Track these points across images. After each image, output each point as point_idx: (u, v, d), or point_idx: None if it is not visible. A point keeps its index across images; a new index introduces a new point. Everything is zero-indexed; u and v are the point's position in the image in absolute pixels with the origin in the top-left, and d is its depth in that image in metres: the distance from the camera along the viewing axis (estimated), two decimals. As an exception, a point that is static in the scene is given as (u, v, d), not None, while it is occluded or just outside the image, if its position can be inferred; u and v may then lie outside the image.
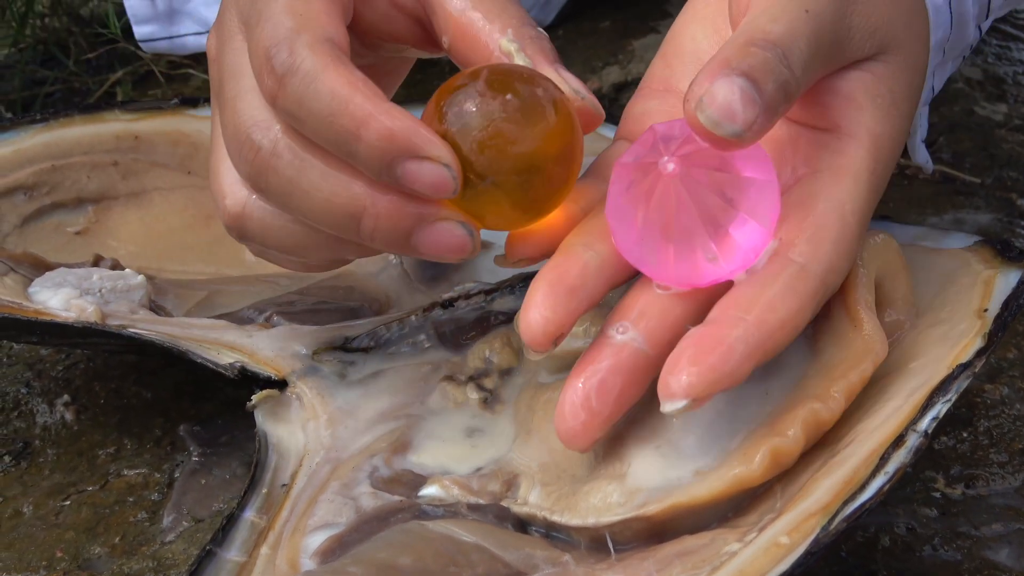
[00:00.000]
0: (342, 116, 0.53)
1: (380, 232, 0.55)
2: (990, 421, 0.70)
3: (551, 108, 0.55)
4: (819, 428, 0.56)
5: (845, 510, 0.51)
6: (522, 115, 0.54)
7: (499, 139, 0.54)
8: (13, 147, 0.81)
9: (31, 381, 0.79)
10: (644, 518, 0.56)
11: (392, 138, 0.53)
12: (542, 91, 0.55)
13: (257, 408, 0.66)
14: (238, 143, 0.57)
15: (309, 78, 0.54)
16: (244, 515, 0.60)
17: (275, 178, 0.56)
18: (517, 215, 0.56)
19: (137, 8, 0.97)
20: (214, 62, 0.61)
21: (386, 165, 0.53)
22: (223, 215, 0.60)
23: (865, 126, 0.57)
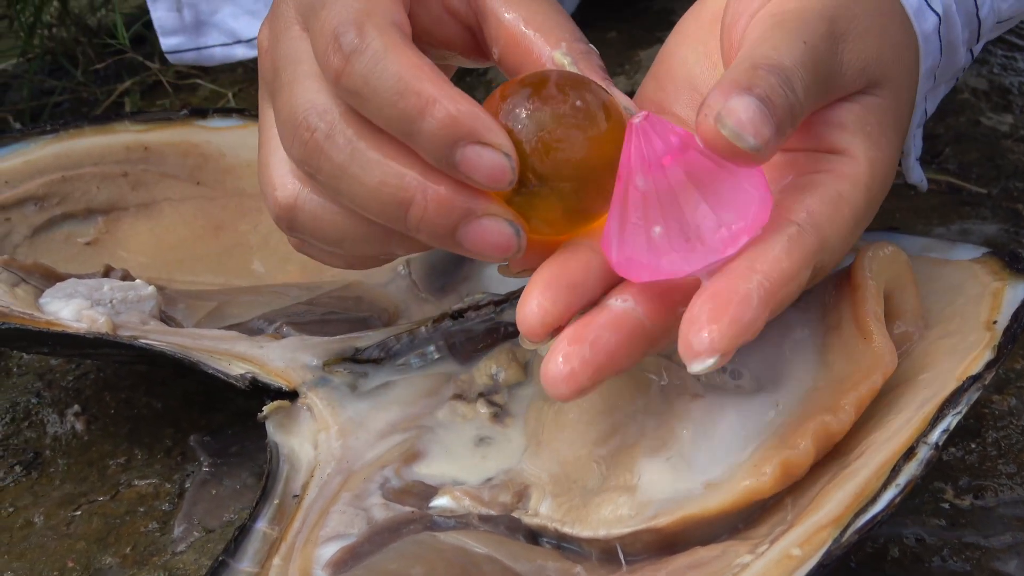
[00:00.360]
0: (407, 96, 0.53)
1: (427, 222, 0.55)
2: (998, 432, 0.71)
3: (608, 117, 0.55)
4: (829, 440, 0.56)
5: (857, 522, 0.51)
6: (583, 122, 0.54)
7: (559, 143, 0.54)
8: (23, 158, 0.81)
9: (41, 391, 0.79)
10: (655, 530, 0.56)
11: (455, 121, 0.53)
12: (601, 100, 0.55)
13: (268, 419, 0.66)
14: (293, 125, 0.57)
15: (377, 57, 0.54)
16: (256, 526, 0.61)
17: (328, 162, 0.56)
18: (565, 221, 0.56)
19: (164, 20, 0.97)
20: (267, 53, 0.61)
21: (447, 148, 0.53)
22: (273, 206, 0.60)
23: (860, 149, 0.57)
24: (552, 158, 0.54)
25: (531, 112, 0.54)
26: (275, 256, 0.83)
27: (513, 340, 0.69)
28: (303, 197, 0.59)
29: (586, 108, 0.54)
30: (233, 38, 0.97)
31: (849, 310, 0.59)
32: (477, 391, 0.67)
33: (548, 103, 0.54)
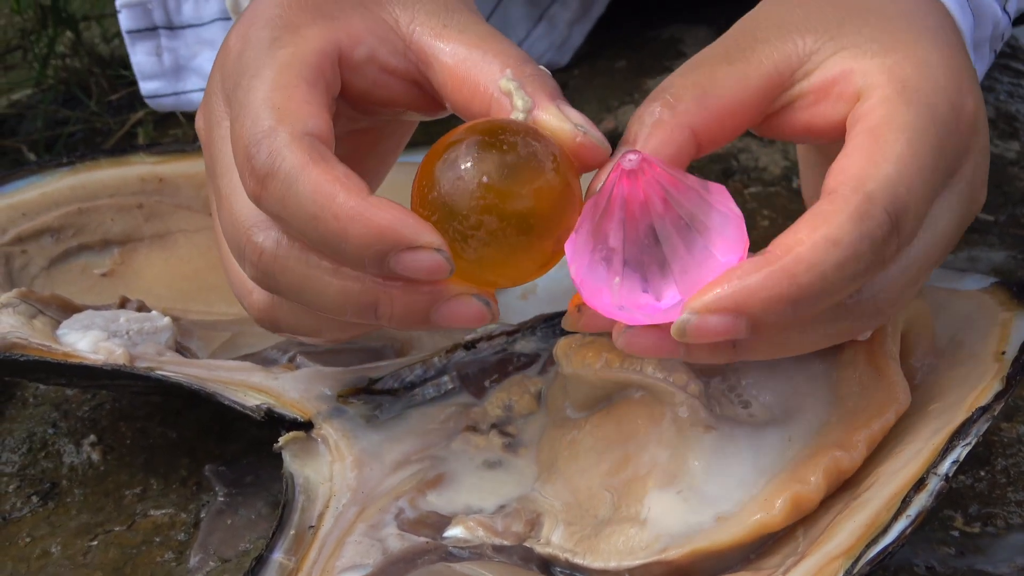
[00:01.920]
0: (326, 218, 0.52)
1: (397, 317, 0.55)
2: (1008, 460, 0.71)
3: (542, 163, 0.54)
4: (840, 476, 0.57)
5: (868, 553, 0.52)
6: (513, 175, 0.53)
7: (492, 202, 0.53)
8: (40, 190, 0.82)
9: (58, 422, 0.80)
10: (665, 563, 0.56)
11: (380, 232, 0.52)
12: (531, 146, 0.54)
13: (283, 449, 0.67)
14: (239, 245, 0.56)
15: (290, 180, 0.53)
16: (273, 556, 0.61)
17: (285, 278, 0.56)
18: (522, 272, 0.56)
19: (143, 64, 0.97)
20: (206, 147, 0.61)
21: (378, 260, 0.53)
22: (251, 311, 0.60)
23: (876, 70, 0.57)
24: (483, 219, 0.53)
25: (453, 178, 0.53)
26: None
27: (525, 371, 0.70)
28: (276, 300, 0.59)
29: (508, 161, 0.53)
30: None
31: (865, 347, 0.60)
32: (490, 422, 0.68)
33: (468, 165, 0.53)
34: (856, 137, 0.55)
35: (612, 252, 0.54)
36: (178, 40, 0.97)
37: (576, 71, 1.13)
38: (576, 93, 1.10)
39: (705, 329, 0.51)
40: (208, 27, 0.97)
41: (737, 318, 0.51)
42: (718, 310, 0.51)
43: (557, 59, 1.13)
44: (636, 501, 0.59)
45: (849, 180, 0.53)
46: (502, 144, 0.53)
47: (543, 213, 0.54)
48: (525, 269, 0.55)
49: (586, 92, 1.10)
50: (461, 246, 0.54)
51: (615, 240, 0.54)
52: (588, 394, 0.64)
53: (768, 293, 0.51)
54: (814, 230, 0.52)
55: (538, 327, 0.72)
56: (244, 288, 0.60)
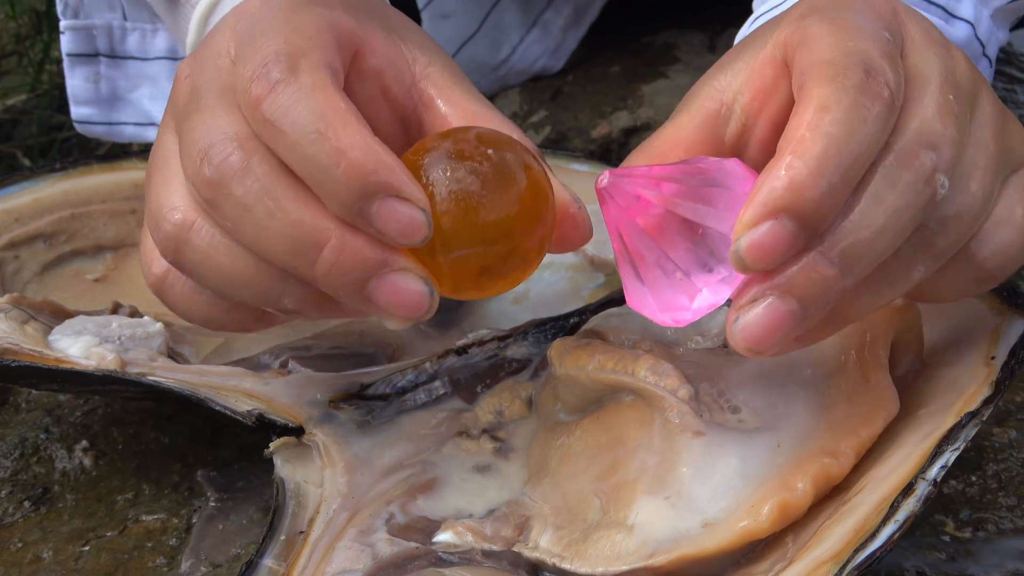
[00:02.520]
0: (325, 138, 0.51)
1: (338, 268, 0.53)
2: (999, 465, 0.71)
3: (523, 175, 0.54)
4: (828, 483, 0.57)
5: (856, 558, 0.52)
6: (495, 181, 0.53)
7: (471, 205, 0.52)
8: (33, 196, 0.82)
9: (50, 427, 0.80)
10: (652, 568, 0.57)
11: (370, 172, 0.51)
12: (515, 157, 0.54)
13: (275, 455, 0.67)
14: (204, 147, 0.54)
15: (301, 92, 0.52)
16: (263, 562, 0.61)
17: (238, 190, 0.54)
18: (482, 283, 0.55)
19: (78, 89, 0.96)
20: (186, 79, 0.59)
21: (360, 199, 0.51)
22: (160, 233, 0.57)
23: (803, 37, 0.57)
24: (460, 220, 0.52)
25: (435, 175, 0.53)
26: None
27: (517, 376, 0.70)
28: (197, 226, 0.56)
29: (492, 167, 0.53)
30: (147, 119, 0.96)
31: (854, 354, 0.60)
32: (481, 427, 0.68)
33: (452, 164, 0.53)
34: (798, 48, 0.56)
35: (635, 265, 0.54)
36: (118, 70, 0.97)
37: (570, 76, 1.13)
38: (570, 99, 1.10)
39: (757, 245, 0.51)
40: (152, 63, 0.96)
41: (780, 220, 0.51)
42: (758, 220, 0.51)
43: (551, 64, 1.13)
44: (624, 506, 0.59)
45: (808, 70, 0.54)
46: (487, 150, 0.53)
47: (517, 225, 0.53)
48: (489, 280, 0.55)
49: (579, 98, 1.10)
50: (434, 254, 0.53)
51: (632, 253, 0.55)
52: (580, 396, 0.64)
53: (792, 181, 0.51)
54: (800, 113, 0.53)
55: (530, 332, 0.72)
56: (163, 205, 0.57)
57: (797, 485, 0.56)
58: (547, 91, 1.12)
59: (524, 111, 1.10)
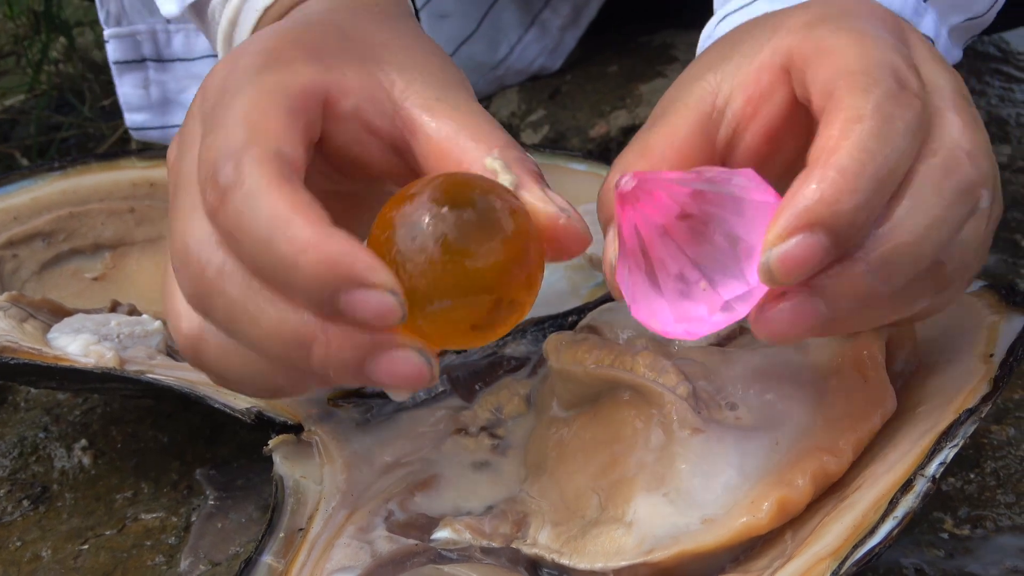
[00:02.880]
0: (280, 241, 0.49)
1: (332, 360, 0.51)
2: (997, 462, 0.71)
3: (507, 221, 0.51)
4: (827, 480, 0.57)
5: (855, 555, 0.52)
6: (474, 231, 0.51)
7: (450, 257, 0.50)
8: (31, 195, 0.82)
9: (49, 426, 0.80)
10: (651, 564, 0.57)
11: (332, 266, 0.49)
12: (497, 202, 0.52)
13: (274, 452, 0.67)
14: (184, 257, 0.53)
15: (250, 196, 0.50)
16: (262, 559, 0.61)
17: (221, 300, 0.52)
18: (473, 335, 0.53)
19: (130, 96, 0.96)
20: (171, 169, 0.58)
21: (327, 295, 0.49)
22: (177, 338, 0.57)
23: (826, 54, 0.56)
24: (439, 274, 0.50)
25: (412, 229, 0.50)
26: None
27: (515, 374, 0.70)
28: (208, 331, 0.55)
29: (471, 216, 0.51)
30: None
31: (851, 353, 0.60)
32: (480, 425, 0.68)
33: (428, 217, 0.50)
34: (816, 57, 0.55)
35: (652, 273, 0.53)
36: (167, 73, 0.97)
37: (568, 76, 1.13)
38: (568, 98, 1.10)
39: (789, 258, 0.50)
40: (198, 62, 0.97)
41: (813, 232, 0.50)
42: (790, 233, 0.50)
43: (549, 64, 1.13)
44: (623, 503, 0.59)
45: (836, 80, 0.53)
46: (464, 198, 0.51)
47: (502, 273, 0.51)
48: (479, 332, 0.53)
49: (578, 97, 1.10)
50: (415, 303, 0.51)
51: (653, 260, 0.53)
52: (576, 392, 0.64)
53: (826, 193, 0.50)
54: (832, 124, 0.52)
55: (528, 330, 0.72)
56: (175, 311, 0.56)
57: (796, 482, 0.56)
58: (545, 90, 1.12)
59: (522, 110, 1.11)
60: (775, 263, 0.50)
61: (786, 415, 0.59)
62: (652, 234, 0.53)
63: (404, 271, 0.50)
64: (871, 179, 0.50)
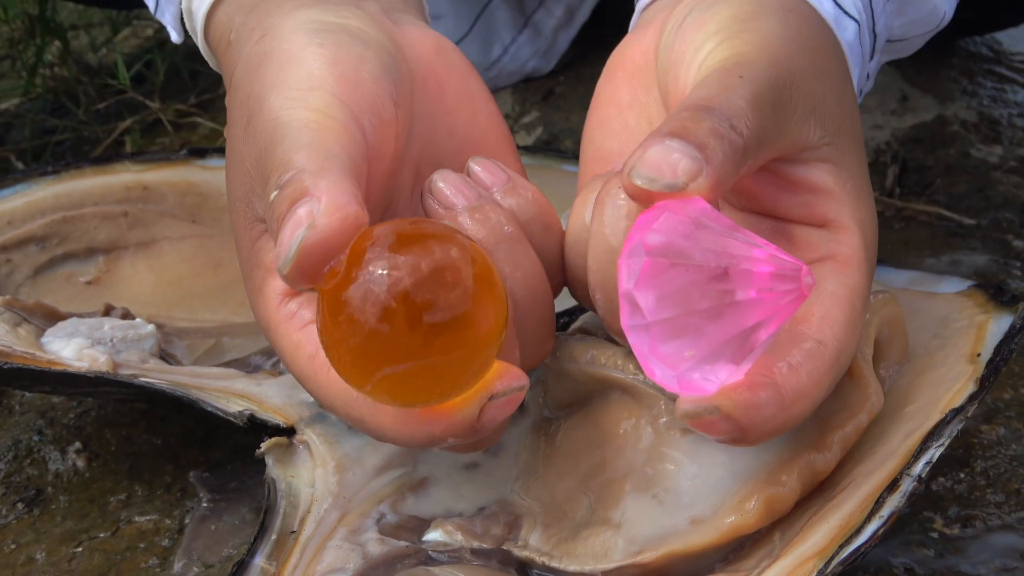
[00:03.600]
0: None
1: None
2: (987, 462, 0.71)
3: (460, 271, 0.50)
4: (814, 478, 0.57)
5: (841, 554, 0.52)
6: (427, 287, 0.49)
7: (408, 318, 0.48)
8: (25, 199, 0.83)
9: (43, 429, 0.80)
10: (640, 565, 0.57)
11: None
12: (448, 253, 0.50)
13: (266, 455, 0.67)
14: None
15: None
16: (254, 561, 0.61)
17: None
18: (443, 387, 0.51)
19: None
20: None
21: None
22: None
23: (850, 215, 0.57)
24: (415, 332, 0.49)
25: (376, 284, 0.49)
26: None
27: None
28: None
29: (427, 269, 0.49)
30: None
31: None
32: (471, 426, 0.68)
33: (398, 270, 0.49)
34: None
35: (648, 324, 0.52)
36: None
37: (561, 77, 1.14)
38: (561, 99, 1.11)
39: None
40: None
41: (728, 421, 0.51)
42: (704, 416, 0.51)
43: (542, 65, 1.13)
44: (613, 504, 0.59)
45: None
46: (419, 250, 0.49)
47: (463, 325, 0.49)
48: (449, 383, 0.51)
49: (571, 98, 1.10)
50: (374, 365, 0.49)
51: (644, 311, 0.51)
52: (569, 390, 0.64)
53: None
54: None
55: (519, 332, 0.73)
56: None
57: (784, 480, 0.56)
58: (539, 92, 1.12)
59: (516, 112, 1.11)
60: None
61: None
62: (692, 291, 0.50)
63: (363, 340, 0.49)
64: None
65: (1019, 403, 0.76)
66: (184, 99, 1.18)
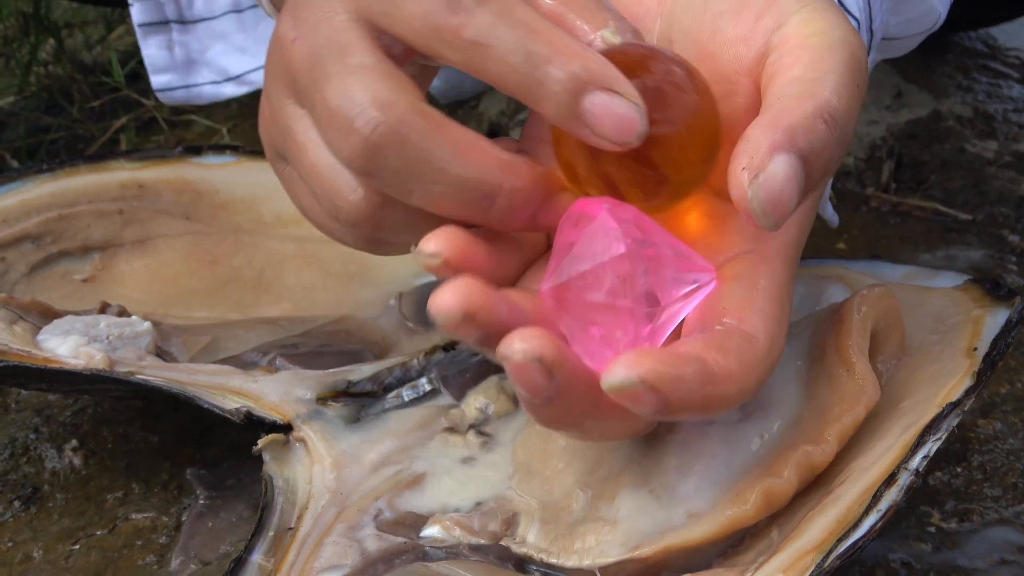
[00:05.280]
0: (536, 41, 0.51)
1: (513, 209, 0.53)
2: (984, 456, 0.71)
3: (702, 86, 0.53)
4: (812, 471, 0.57)
5: (839, 548, 0.52)
6: (691, 92, 0.52)
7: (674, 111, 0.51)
8: (20, 197, 0.82)
9: (39, 427, 0.80)
10: (638, 560, 0.57)
11: (587, 67, 0.50)
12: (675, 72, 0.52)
13: (263, 452, 0.67)
14: (349, 119, 0.52)
15: (505, 5, 0.52)
16: (252, 558, 0.61)
17: (398, 155, 0.52)
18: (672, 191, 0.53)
19: (155, 58, 0.98)
20: (295, 43, 0.56)
21: (575, 93, 0.50)
22: (348, 214, 0.56)
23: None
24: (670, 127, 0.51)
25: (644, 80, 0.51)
26: (269, 291, 0.84)
27: (502, 373, 0.70)
28: (382, 198, 0.55)
29: (688, 78, 0.52)
30: (223, 75, 0.98)
31: (834, 343, 0.60)
32: (468, 423, 0.68)
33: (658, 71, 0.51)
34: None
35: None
36: (190, 34, 0.98)
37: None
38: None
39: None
40: (219, 20, 0.98)
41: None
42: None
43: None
44: (610, 499, 0.59)
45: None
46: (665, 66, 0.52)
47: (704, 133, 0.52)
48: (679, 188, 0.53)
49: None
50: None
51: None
52: None
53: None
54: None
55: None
56: (339, 192, 0.56)
57: (782, 473, 0.56)
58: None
59: (511, 109, 1.11)
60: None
61: (770, 407, 0.59)
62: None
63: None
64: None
65: (1016, 397, 0.76)
66: (179, 97, 1.18)
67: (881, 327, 0.62)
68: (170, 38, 0.98)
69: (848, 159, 1.02)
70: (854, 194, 0.99)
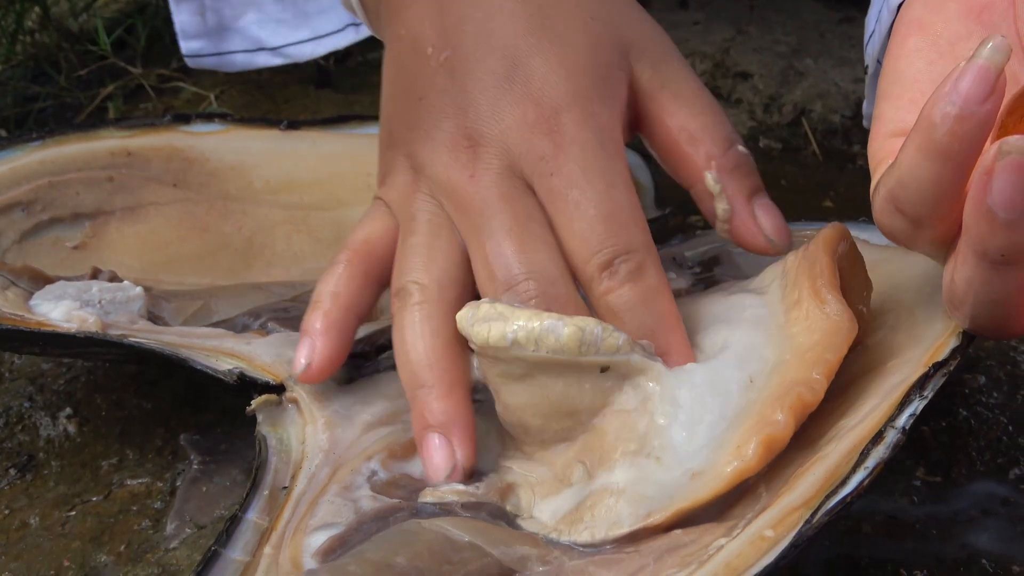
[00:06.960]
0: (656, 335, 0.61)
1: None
2: (968, 410, 0.72)
3: None
4: (805, 410, 0.57)
5: (827, 504, 0.53)
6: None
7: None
8: (9, 165, 0.82)
9: (34, 395, 0.80)
10: (652, 527, 0.57)
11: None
12: None
13: (256, 412, 0.68)
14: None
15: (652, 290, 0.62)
16: (247, 516, 0.62)
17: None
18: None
19: (186, 24, 0.97)
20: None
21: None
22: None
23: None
24: None
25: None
26: (259, 257, 0.84)
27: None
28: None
29: None
30: (256, 45, 0.97)
31: (807, 285, 0.61)
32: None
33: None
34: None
35: None
36: (222, 1, 0.98)
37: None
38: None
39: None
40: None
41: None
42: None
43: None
44: (609, 470, 0.60)
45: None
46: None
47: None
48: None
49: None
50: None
51: None
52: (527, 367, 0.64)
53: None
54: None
55: (506, 291, 0.73)
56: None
57: (776, 417, 0.57)
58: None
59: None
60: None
61: (753, 352, 0.60)
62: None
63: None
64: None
65: (1000, 352, 0.76)
66: (166, 64, 1.17)
67: (845, 264, 0.62)
68: (202, 3, 0.97)
69: (834, 116, 1.03)
70: (840, 151, 1.00)
